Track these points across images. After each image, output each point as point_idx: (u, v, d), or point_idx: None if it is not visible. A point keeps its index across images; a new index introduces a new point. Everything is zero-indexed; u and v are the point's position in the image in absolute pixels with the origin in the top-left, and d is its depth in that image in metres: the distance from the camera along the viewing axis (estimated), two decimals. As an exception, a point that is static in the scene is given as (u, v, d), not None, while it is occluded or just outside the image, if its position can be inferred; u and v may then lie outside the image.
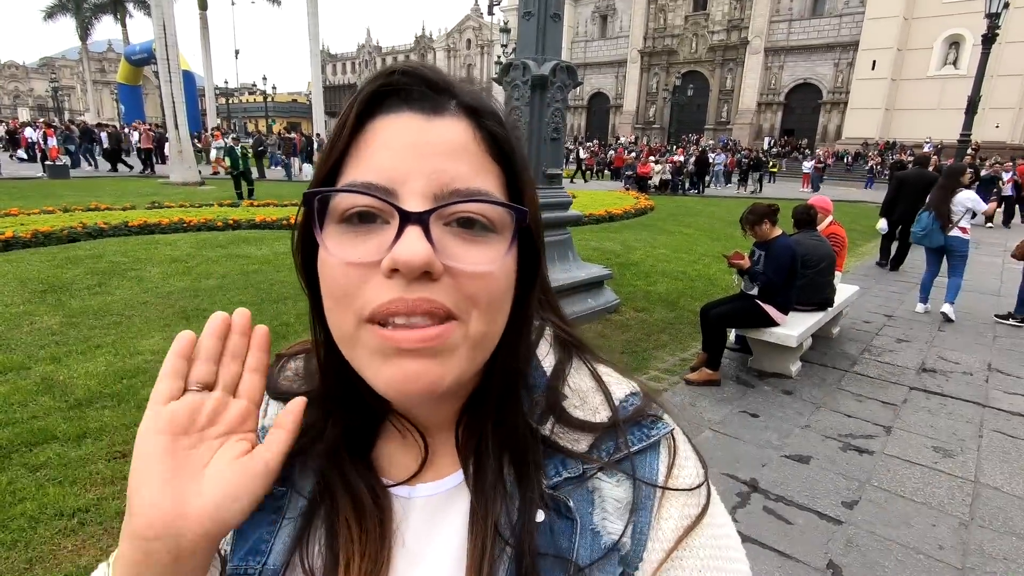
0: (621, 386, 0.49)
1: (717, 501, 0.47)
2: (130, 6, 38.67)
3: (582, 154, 29.03)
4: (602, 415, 0.46)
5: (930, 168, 9.17)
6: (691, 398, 3.93)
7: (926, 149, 32.13)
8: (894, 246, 8.70)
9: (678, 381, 4.16)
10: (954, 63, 36.35)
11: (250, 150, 15.45)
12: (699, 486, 0.46)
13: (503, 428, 0.45)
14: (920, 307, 6.37)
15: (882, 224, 8.41)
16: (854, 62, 39.18)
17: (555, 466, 0.44)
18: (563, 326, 0.52)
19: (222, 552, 0.48)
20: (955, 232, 5.96)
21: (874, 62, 37.90)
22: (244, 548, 0.46)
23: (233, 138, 16.50)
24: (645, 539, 0.43)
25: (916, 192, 7.87)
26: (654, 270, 7.65)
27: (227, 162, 14.11)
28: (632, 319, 5.55)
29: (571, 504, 0.43)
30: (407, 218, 0.37)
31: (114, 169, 21.25)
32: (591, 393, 0.47)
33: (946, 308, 6.06)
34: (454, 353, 0.39)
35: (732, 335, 4.68)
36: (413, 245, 0.36)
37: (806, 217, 4.68)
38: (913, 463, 3.20)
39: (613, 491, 0.43)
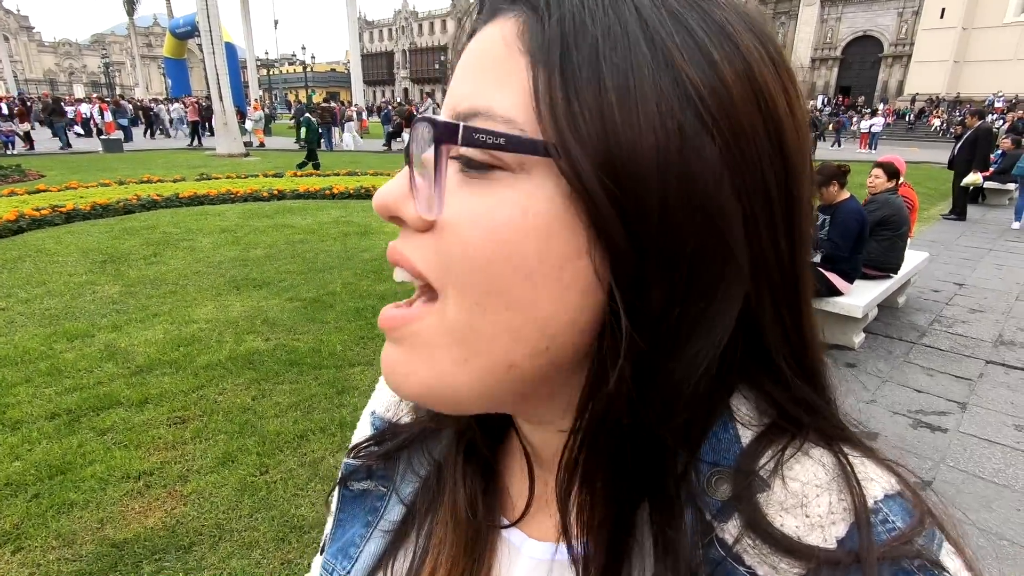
0: (875, 482, 0.28)
1: None
2: (172, -21, 39.17)
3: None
4: (831, 533, 0.26)
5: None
6: (746, 370, 3.79)
7: (998, 104, 29.84)
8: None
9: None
10: (1035, 8, 33.31)
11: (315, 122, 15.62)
12: None
13: (616, 498, 0.30)
14: (1016, 224, 8.47)
15: (978, 177, 9.13)
16: (920, 10, 36.38)
17: None
18: (798, 390, 0.30)
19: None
20: None
21: (943, 10, 35.11)
22: (338, 543, 0.43)
23: (309, 108, 16.77)
24: None
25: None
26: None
27: (304, 133, 14.40)
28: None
29: None
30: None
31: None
32: (817, 492, 0.27)
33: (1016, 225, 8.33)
34: (427, 347, 0.29)
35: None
36: (385, 185, 0.30)
37: (896, 171, 4.43)
38: (993, 442, 2.98)
39: None
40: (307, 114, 15.64)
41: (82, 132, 23.92)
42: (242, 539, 2.22)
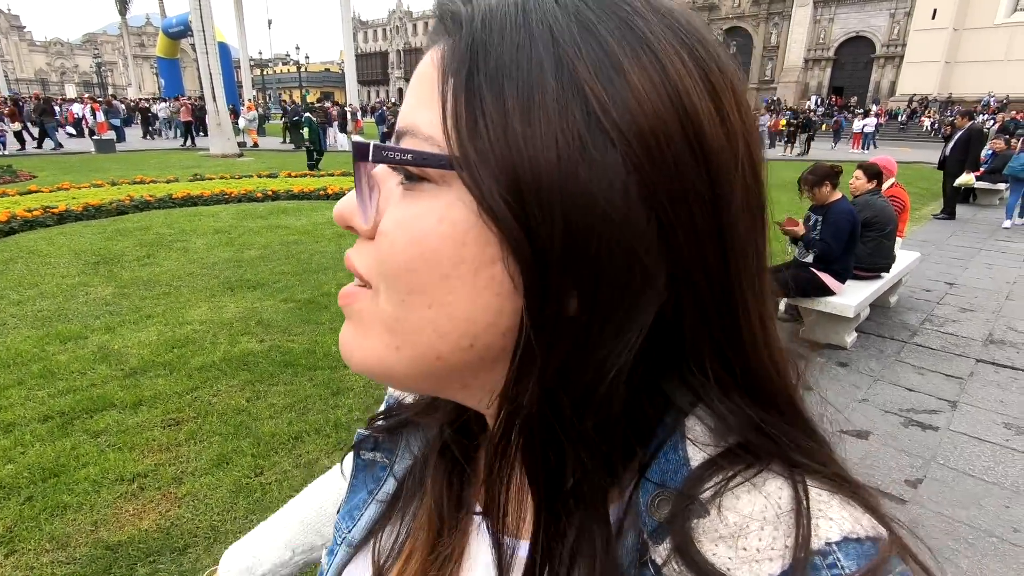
0: (836, 523, 0.26)
1: None
2: (165, -22, 38.99)
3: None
4: (764, 570, 0.25)
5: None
6: (739, 370, 3.81)
7: (992, 105, 30.06)
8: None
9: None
10: (1025, 9, 33.59)
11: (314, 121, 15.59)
12: None
13: (548, 495, 0.30)
14: (1007, 223, 8.59)
15: (971, 177, 9.32)
16: (912, 11, 36.61)
17: None
18: (755, 416, 0.29)
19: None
20: None
21: (935, 10, 35.35)
22: (348, 506, 0.47)
23: (310, 109, 16.74)
24: None
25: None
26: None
27: (308, 133, 14.40)
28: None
29: None
30: None
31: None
32: (760, 525, 0.26)
33: (1007, 223, 8.57)
34: (367, 327, 0.32)
35: (782, 304, 4.49)
36: (342, 198, 0.33)
37: (878, 173, 4.42)
38: (983, 440, 3.01)
39: None
40: (308, 114, 15.67)
41: (74, 132, 23.77)
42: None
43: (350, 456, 0.48)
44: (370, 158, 0.29)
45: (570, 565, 0.29)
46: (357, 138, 0.29)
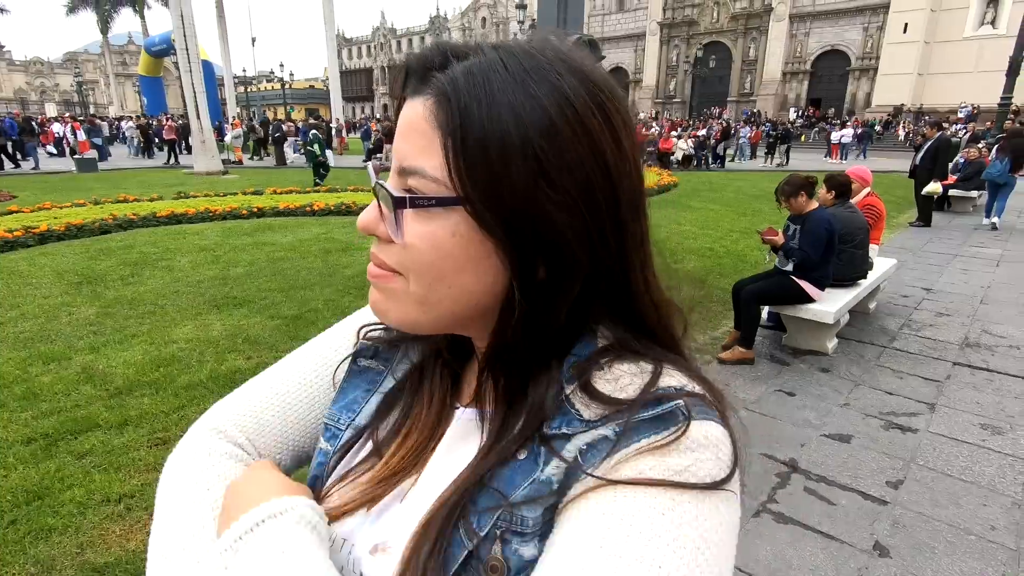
0: (676, 379, 0.43)
1: (709, 511, 0.37)
2: (148, -3, 38.92)
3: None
4: (629, 393, 0.41)
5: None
6: (724, 377, 3.86)
7: (960, 115, 30.90)
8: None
9: (710, 360, 4.08)
10: (992, 22, 34.61)
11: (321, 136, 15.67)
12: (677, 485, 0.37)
13: (515, 380, 0.46)
14: (986, 221, 9.41)
15: (938, 186, 9.52)
16: (884, 25, 37.56)
17: (562, 423, 0.43)
18: (637, 343, 0.46)
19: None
20: None
21: (906, 24, 36.28)
22: (341, 402, 0.58)
23: (316, 126, 16.82)
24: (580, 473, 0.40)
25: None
26: (680, 248, 7.51)
27: (317, 148, 14.39)
28: (660, 298, 5.45)
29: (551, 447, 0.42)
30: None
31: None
32: (630, 377, 0.43)
33: (995, 220, 9.27)
34: (398, 299, 0.46)
35: (765, 312, 4.57)
36: (363, 212, 0.46)
37: (841, 185, 4.51)
38: (960, 441, 3.09)
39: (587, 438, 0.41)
40: (314, 131, 15.75)
41: (55, 152, 23.50)
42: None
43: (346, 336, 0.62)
44: (408, 206, 0.42)
45: (519, 408, 0.46)
46: (394, 189, 0.37)
